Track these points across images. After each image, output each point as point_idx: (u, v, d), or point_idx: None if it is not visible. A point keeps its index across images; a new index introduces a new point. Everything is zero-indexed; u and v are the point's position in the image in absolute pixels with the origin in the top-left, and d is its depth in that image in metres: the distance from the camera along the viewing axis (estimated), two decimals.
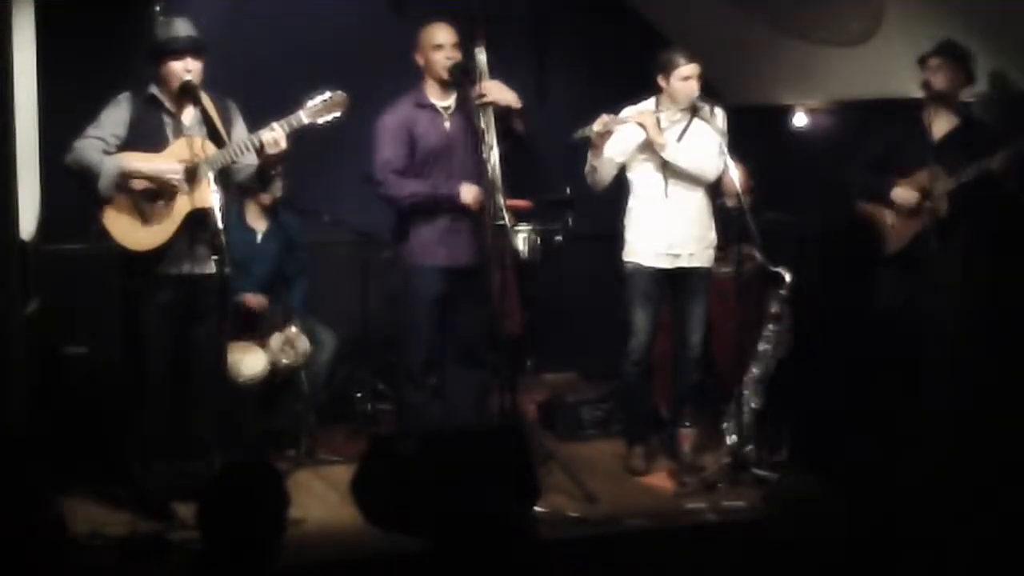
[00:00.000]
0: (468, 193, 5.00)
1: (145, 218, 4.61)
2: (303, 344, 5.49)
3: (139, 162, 4.59)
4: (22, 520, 4.00)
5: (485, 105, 4.90)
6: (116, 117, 4.64)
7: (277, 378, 5.47)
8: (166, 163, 4.59)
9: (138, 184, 4.59)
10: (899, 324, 5.28)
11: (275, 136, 4.61)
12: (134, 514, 4.52)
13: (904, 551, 3.23)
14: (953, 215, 5.16)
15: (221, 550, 2.83)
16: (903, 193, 5.30)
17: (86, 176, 4.55)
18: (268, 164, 4.75)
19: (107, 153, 4.59)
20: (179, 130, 4.67)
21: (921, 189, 5.26)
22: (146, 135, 4.64)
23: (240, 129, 4.79)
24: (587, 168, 5.24)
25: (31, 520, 4.07)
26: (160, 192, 4.60)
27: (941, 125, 5.29)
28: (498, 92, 4.94)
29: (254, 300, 5.51)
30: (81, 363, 5.20)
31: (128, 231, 4.60)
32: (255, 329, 5.49)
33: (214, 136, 4.58)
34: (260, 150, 4.63)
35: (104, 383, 5.09)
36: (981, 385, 5.05)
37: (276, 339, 5.46)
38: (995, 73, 5.47)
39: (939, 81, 5.22)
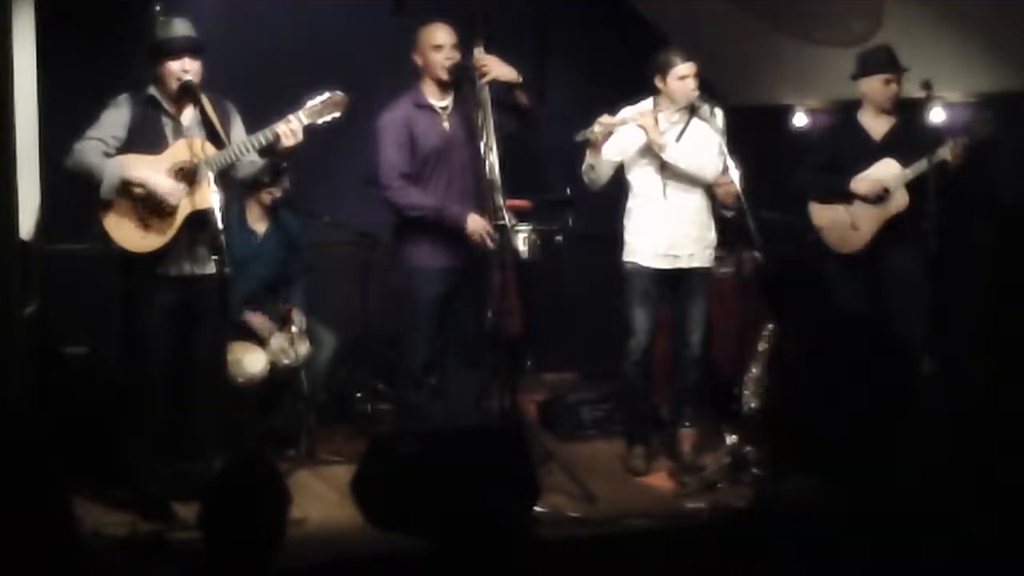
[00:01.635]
0: (474, 223, 4.97)
1: (145, 220, 4.60)
2: (303, 344, 5.49)
3: (140, 170, 4.56)
4: (22, 520, 4.00)
5: (485, 83, 4.88)
6: (115, 118, 4.62)
7: (277, 378, 5.47)
8: (165, 181, 4.56)
9: (138, 189, 4.58)
10: (867, 323, 5.32)
11: (292, 127, 4.59)
12: (134, 514, 4.53)
13: (897, 549, 3.23)
14: (912, 206, 5.19)
15: (221, 550, 2.83)
16: (863, 184, 5.33)
17: (87, 179, 4.54)
18: (283, 156, 4.73)
19: (107, 155, 4.57)
20: (178, 131, 4.66)
21: (877, 182, 5.32)
22: (145, 136, 4.63)
23: (238, 130, 4.78)
24: (584, 167, 5.23)
25: (31, 520, 4.07)
26: (157, 197, 4.59)
27: (880, 126, 5.42)
28: (498, 67, 4.93)
29: (256, 319, 5.49)
30: (81, 363, 5.21)
31: (129, 234, 4.59)
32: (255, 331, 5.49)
33: (213, 137, 4.58)
34: (275, 142, 4.62)
35: (104, 383, 5.10)
36: (954, 375, 5.11)
37: (276, 339, 5.46)
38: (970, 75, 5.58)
39: (895, 92, 5.34)
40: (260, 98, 4.95)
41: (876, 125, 5.43)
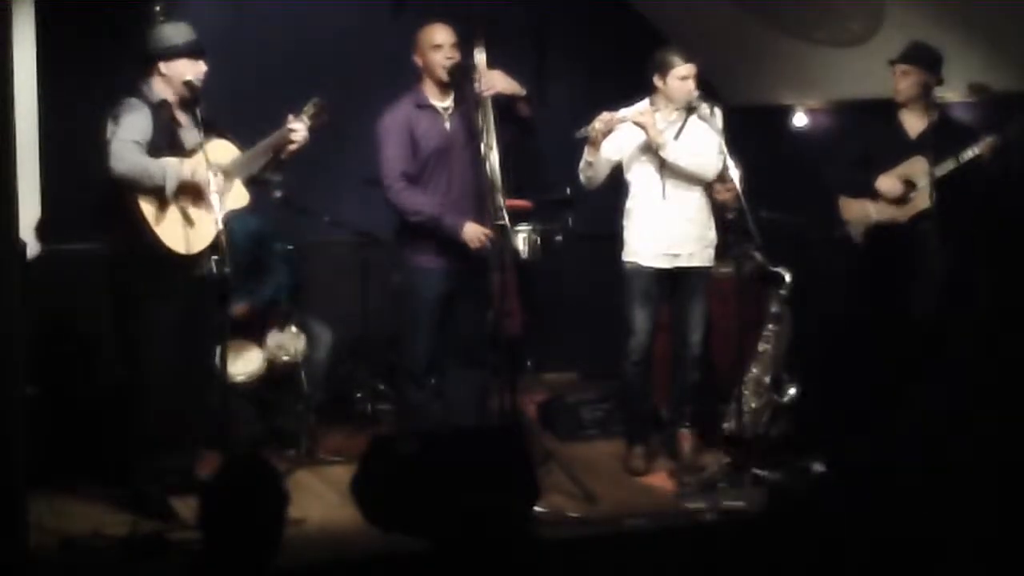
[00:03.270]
0: (470, 233, 4.97)
1: (191, 223, 4.59)
2: (300, 341, 5.49)
3: (195, 171, 4.53)
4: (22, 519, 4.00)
5: (488, 97, 4.89)
6: (138, 121, 4.55)
7: (275, 375, 5.48)
8: (206, 177, 4.53)
9: (193, 191, 4.56)
10: (887, 317, 5.32)
11: (301, 130, 4.66)
12: (134, 514, 4.52)
13: (903, 550, 3.23)
14: (939, 204, 5.20)
15: (221, 550, 2.83)
16: (887, 182, 5.35)
17: (144, 181, 4.47)
18: (291, 156, 4.76)
19: None
20: (187, 133, 4.65)
21: (905, 180, 5.32)
22: (164, 139, 4.60)
23: None
24: (582, 164, 5.23)
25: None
26: (202, 198, 4.58)
27: (917, 124, 5.41)
28: (501, 82, 4.94)
29: (240, 309, 5.46)
30: (81, 363, 5.20)
31: (179, 236, 4.56)
32: (251, 329, 5.48)
33: (221, 138, 4.59)
34: (287, 145, 4.66)
35: (104, 383, 5.10)
36: (972, 375, 5.10)
37: (273, 337, 5.47)
38: (971, 75, 5.56)
39: (909, 85, 5.33)
40: (259, 99, 4.95)
41: (913, 123, 5.41)
